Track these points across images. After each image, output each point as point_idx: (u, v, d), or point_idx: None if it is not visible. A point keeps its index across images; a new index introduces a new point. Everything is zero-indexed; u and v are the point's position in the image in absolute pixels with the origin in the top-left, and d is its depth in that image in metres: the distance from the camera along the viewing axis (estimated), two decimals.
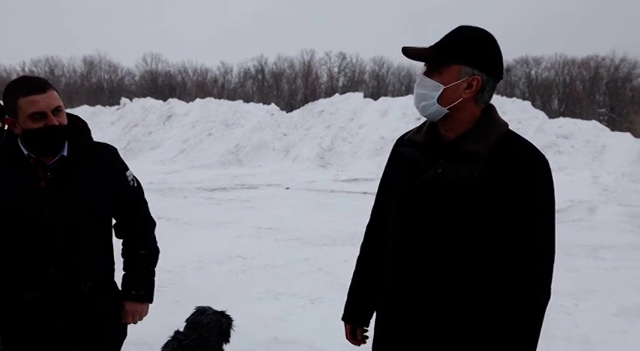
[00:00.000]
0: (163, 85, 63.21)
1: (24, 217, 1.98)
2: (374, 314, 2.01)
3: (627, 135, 20.39)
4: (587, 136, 19.62)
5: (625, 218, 10.55)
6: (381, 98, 24.53)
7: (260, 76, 65.80)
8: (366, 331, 2.08)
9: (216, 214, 10.26)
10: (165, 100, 27.90)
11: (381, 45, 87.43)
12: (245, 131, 22.02)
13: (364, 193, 12.83)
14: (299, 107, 26.37)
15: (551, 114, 28.75)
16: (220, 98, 30.19)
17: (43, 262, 2.01)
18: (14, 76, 52.60)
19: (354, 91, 30.34)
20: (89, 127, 2.18)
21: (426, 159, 1.72)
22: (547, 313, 1.72)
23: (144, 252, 2.33)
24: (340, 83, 62.62)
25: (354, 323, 2.07)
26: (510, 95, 32.55)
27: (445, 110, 1.68)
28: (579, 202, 12.43)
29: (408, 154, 1.77)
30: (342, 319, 2.10)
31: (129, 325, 2.38)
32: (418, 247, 1.72)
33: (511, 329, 1.63)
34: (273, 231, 8.63)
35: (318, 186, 14.65)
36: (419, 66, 1.79)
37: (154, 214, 2.50)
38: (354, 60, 64.66)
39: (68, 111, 2.07)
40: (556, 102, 59.13)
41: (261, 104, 26.46)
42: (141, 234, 2.35)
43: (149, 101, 27.02)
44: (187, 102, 27.34)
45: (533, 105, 24.37)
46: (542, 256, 1.65)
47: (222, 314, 3.08)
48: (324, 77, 65.32)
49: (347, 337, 2.09)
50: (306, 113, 23.18)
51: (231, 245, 7.65)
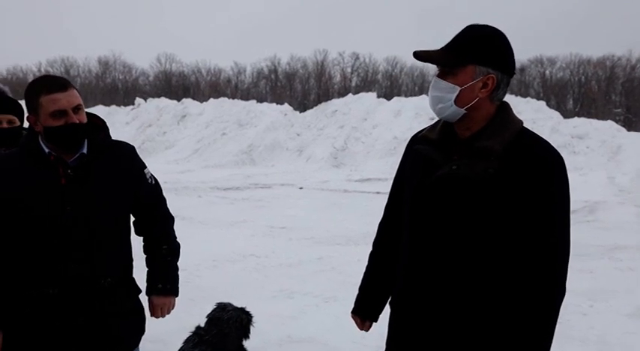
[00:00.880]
0: (177, 85, 63.59)
1: (45, 213, 2.01)
2: (384, 309, 2.02)
3: None
4: (603, 136, 19.44)
5: None
6: (395, 98, 24.48)
7: (273, 76, 65.98)
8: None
9: (230, 213, 10.31)
10: (179, 100, 28.05)
11: (395, 45, 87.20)
12: (258, 131, 22.08)
13: (377, 193, 12.82)
14: (312, 107, 26.39)
15: (566, 114, 28.53)
16: (234, 98, 30.31)
17: (63, 259, 2.04)
18: (30, 76, 53.20)
19: (367, 91, 30.30)
20: (107, 125, 2.21)
21: (441, 156, 1.73)
22: (562, 313, 1.72)
23: (166, 247, 2.38)
24: (353, 83, 62.63)
25: (363, 317, 2.08)
26: (525, 95, 32.31)
27: (463, 111, 1.69)
28: (594, 202, 12.33)
29: (422, 151, 1.79)
30: (352, 312, 2.11)
31: (146, 322, 2.41)
32: (432, 242, 1.73)
33: (526, 325, 1.63)
34: (287, 230, 8.65)
35: (332, 186, 14.65)
36: (432, 66, 1.79)
37: None
38: (367, 60, 64.71)
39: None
40: (571, 102, 58.70)
41: (274, 104, 26.51)
42: (162, 230, 2.39)
43: (163, 101, 27.19)
44: (201, 102, 27.47)
45: (548, 105, 24.20)
46: (558, 253, 1.65)
47: (243, 311, 3.11)
48: (337, 77, 65.42)
49: (359, 328, 2.12)
50: (320, 113, 23.19)
51: (245, 244, 7.69)
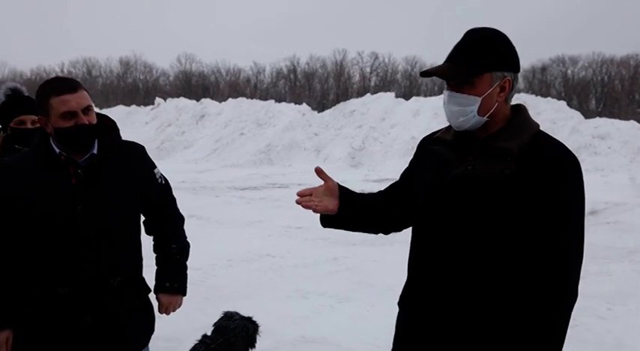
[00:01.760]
0: (197, 85, 64.02)
1: (56, 213, 2.04)
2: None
3: None
4: (625, 136, 19.13)
5: None
6: (413, 98, 24.36)
7: (292, 76, 66.11)
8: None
9: (247, 213, 10.35)
10: (198, 100, 28.22)
11: (414, 44, 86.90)
12: (276, 131, 22.13)
13: None
14: (331, 107, 26.38)
15: (589, 114, 28.16)
16: (253, 98, 30.40)
17: (73, 258, 2.07)
18: (53, 76, 53.86)
19: (387, 91, 30.19)
20: (118, 126, 2.24)
21: (456, 156, 1.72)
22: (578, 316, 1.70)
23: (175, 246, 2.40)
24: (372, 83, 62.52)
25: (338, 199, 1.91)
26: (546, 95, 31.93)
27: (485, 119, 1.68)
28: (615, 204, 12.14)
29: (438, 151, 1.78)
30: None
31: (158, 321, 2.44)
32: (445, 242, 1.72)
33: (537, 326, 1.62)
34: (303, 230, 8.66)
35: (349, 186, 14.35)
36: None
37: (185, 212, 2.57)
38: (387, 60, 64.56)
39: (104, 111, 2.13)
40: (593, 102, 57.93)
41: (292, 104, 26.55)
42: (171, 229, 2.42)
43: (182, 101, 27.37)
44: (220, 102, 27.61)
45: (570, 105, 23.90)
46: (570, 254, 1.64)
47: (249, 320, 3.12)
48: (357, 77, 65.36)
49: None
50: (338, 113, 23.17)
51: (261, 244, 7.72)
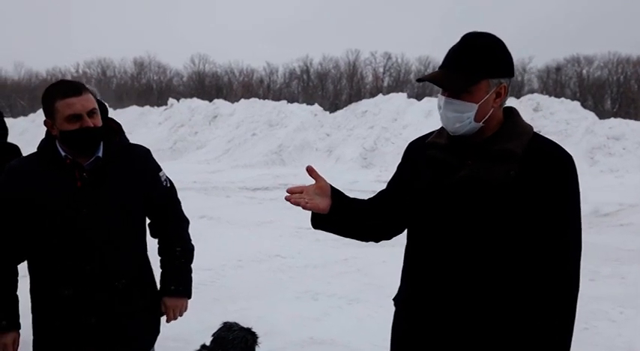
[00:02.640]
0: (210, 85, 64.18)
1: (61, 216, 2.06)
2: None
3: None
4: None
5: None
6: (425, 98, 24.26)
7: (305, 76, 66.09)
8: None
9: (258, 213, 10.38)
10: (211, 100, 28.34)
11: (427, 44, 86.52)
12: (288, 131, 22.15)
13: None
14: (343, 108, 26.37)
15: (604, 114, 27.90)
16: (266, 99, 30.49)
17: (78, 260, 2.09)
18: (69, 77, 54.38)
19: (399, 91, 30.12)
20: (123, 129, 2.26)
21: (456, 160, 1.73)
22: (589, 319, 1.73)
23: (179, 249, 2.40)
24: (385, 83, 62.33)
25: (330, 199, 1.89)
26: (560, 95, 31.66)
27: (480, 124, 1.70)
28: (629, 205, 12.03)
29: (436, 156, 1.78)
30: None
31: (167, 322, 2.46)
32: (451, 244, 1.72)
33: (547, 324, 1.64)
34: (314, 231, 8.57)
35: (361, 186, 14.59)
36: None
37: (196, 213, 2.58)
38: (400, 60, 64.29)
39: (118, 111, 2.15)
40: (609, 102, 57.34)
41: (304, 104, 26.56)
42: (175, 232, 2.42)
43: (195, 102, 27.50)
44: (233, 102, 27.70)
45: (585, 105, 23.70)
46: (572, 251, 1.68)
47: (248, 331, 3.12)
48: (369, 77, 65.18)
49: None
50: (350, 113, 23.15)
51: (272, 244, 7.73)
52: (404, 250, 1.94)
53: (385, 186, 2.03)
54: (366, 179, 16.26)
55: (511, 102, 19.51)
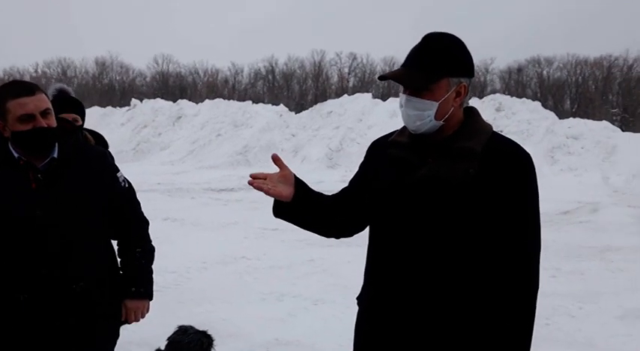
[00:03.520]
0: (174, 85, 63.52)
1: (15, 218, 2.00)
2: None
3: (638, 136, 20.23)
4: (598, 136, 19.44)
5: (634, 220, 10.45)
6: (390, 99, 24.47)
7: (270, 76, 65.95)
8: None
9: (223, 214, 10.29)
10: (175, 101, 28.05)
11: (392, 45, 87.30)
12: (254, 132, 22.08)
13: None
14: (309, 108, 26.39)
15: (563, 114, 28.57)
16: (231, 99, 30.33)
17: (34, 263, 2.03)
18: (27, 77, 53.13)
19: (365, 91, 30.33)
20: (81, 128, 2.21)
21: (417, 158, 1.74)
22: (550, 315, 1.75)
23: (139, 250, 2.36)
24: (351, 84, 62.64)
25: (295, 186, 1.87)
26: (521, 95, 32.33)
27: (441, 123, 1.71)
28: (588, 203, 12.34)
29: (397, 154, 1.79)
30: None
31: (130, 326, 2.41)
32: (411, 243, 1.73)
33: (508, 323, 1.66)
34: (279, 232, 8.63)
35: (326, 187, 14.54)
36: None
37: (161, 214, 2.55)
38: (365, 60, 64.75)
39: None
40: (568, 102, 58.75)
41: (270, 105, 26.51)
42: (135, 233, 2.38)
43: (159, 102, 27.17)
44: (197, 103, 27.45)
45: (545, 105, 24.22)
46: (533, 250, 1.70)
47: (204, 334, 3.09)
48: (335, 78, 65.43)
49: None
50: (315, 114, 23.19)
51: (237, 246, 7.68)
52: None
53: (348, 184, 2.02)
54: (331, 179, 16.30)
55: (474, 102, 19.85)
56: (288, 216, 1.90)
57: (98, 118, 25.79)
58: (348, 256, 6.88)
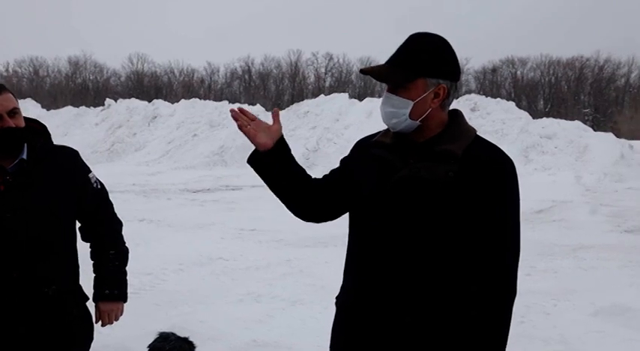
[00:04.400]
0: (149, 85, 62.98)
1: None
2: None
3: (610, 135, 20.63)
4: (570, 136, 19.77)
5: (606, 218, 10.65)
6: (366, 99, 24.60)
7: (247, 76, 65.80)
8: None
9: (199, 215, 10.21)
10: (150, 100, 27.80)
11: (368, 45, 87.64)
12: (230, 132, 21.94)
13: None
14: (286, 108, 26.37)
15: (537, 114, 28.98)
16: (207, 99, 30.19)
17: (5, 267, 1.99)
18: None
19: (342, 91, 30.41)
20: (49, 130, 2.16)
21: (398, 159, 1.74)
22: (525, 313, 1.76)
23: (113, 251, 2.32)
24: (327, 84, 62.76)
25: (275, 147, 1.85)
26: (496, 95, 32.72)
27: (417, 123, 1.71)
28: (561, 202, 12.53)
29: (380, 154, 1.79)
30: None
31: (107, 328, 2.38)
32: (390, 244, 1.73)
33: (483, 325, 1.66)
34: (256, 232, 8.61)
35: None
36: None
37: (136, 216, 2.52)
38: (341, 60, 64.94)
39: (52, 112, 2.05)
40: (542, 102, 59.64)
41: (246, 105, 26.40)
42: (109, 235, 2.34)
43: (134, 102, 26.90)
44: (173, 103, 27.24)
45: (519, 105, 24.55)
46: (511, 254, 1.70)
47: (185, 340, 3.05)
48: (312, 78, 65.57)
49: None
50: (292, 114, 23.17)
51: (213, 247, 7.62)
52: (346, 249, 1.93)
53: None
54: None
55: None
56: (258, 166, 1.88)
57: (72, 117, 25.43)
58: (324, 257, 6.89)
